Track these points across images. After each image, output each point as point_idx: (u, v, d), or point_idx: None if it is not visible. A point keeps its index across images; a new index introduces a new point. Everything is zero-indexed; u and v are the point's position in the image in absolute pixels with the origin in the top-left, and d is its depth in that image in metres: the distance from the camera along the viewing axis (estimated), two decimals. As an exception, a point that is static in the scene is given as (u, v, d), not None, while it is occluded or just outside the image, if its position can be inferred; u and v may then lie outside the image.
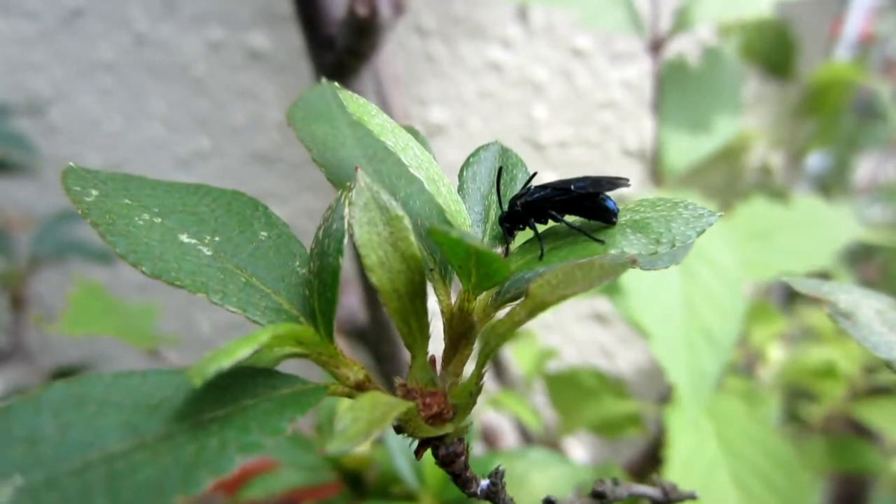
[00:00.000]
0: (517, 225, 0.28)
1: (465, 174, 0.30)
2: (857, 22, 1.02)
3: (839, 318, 0.27)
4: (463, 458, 0.25)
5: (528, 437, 0.89)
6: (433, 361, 0.25)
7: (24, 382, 1.07)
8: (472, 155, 0.30)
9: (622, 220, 0.26)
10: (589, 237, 0.25)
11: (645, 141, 0.95)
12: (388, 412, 0.20)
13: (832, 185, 1.10)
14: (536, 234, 0.27)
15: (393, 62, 0.75)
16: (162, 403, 0.19)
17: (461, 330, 0.25)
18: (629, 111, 0.94)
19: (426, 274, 0.24)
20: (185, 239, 0.24)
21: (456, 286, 0.26)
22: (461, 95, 0.93)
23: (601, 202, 0.26)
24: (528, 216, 0.27)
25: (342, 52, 0.53)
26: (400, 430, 0.24)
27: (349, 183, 0.23)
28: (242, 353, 0.18)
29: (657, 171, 0.76)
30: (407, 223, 0.23)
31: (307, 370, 0.25)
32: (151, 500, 0.17)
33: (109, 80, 0.96)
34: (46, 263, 0.97)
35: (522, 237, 0.28)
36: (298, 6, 0.54)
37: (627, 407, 0.80)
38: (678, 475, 0.61)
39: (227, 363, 0.18)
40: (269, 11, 0.90)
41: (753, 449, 0.64)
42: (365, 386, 0.24)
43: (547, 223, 0.28)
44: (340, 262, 0.22)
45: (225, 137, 0.98)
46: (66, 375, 0.21)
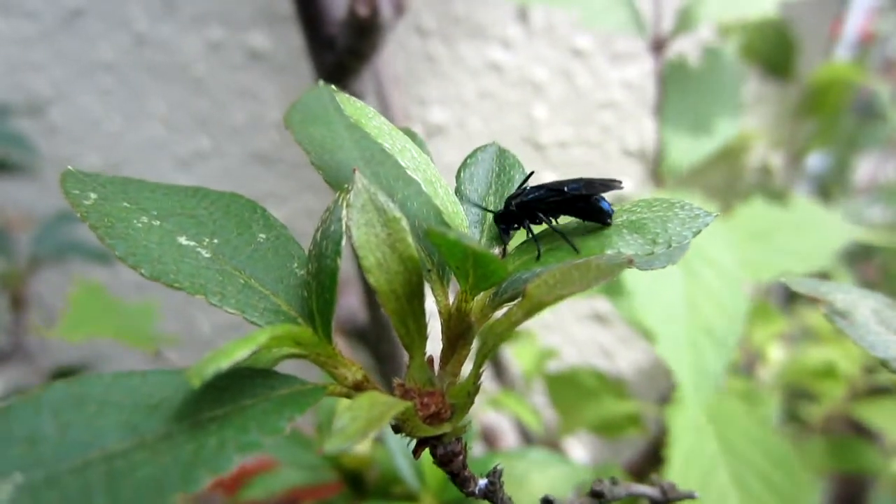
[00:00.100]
0: (512, 225, 0.28)
1: (462, 175, 0.30)
2: (857, 22, 1.02)
3: (836, 317, 0.27)
4: (461, 457, 0.25)
5: (528, 437, 0.89)
6: (431, 361, 0.25)
7: (24, 382, 1.07)
8: (469, 156, 0.30)
9: (619, 220, 0.26)
10: (567, 242, 0.25)
11: (645, 141, 0.95)
12: (385, 411, 0.20)
13: (832, 185, 1.10)
14: (531, 234, 0.27)
15: (393, 62, 0.75)
16: (161, 403, 0.20)
17: (459, 330, 0.26)
18: (629, 111, 0.94)
19: (424, 275, 0.24)
20: (183, 241, 0.24)
21: (454, 287, 0.26)
22: (461, 95, 0.93)
23: (595, 203, 0.26)
24: (522, 216, 0.27)
25: (342, 52, 0.53)
26: (398, 429, 0.24)
27: (347, 185, 0.23)
28: (241, 353, 0.18)
29: (658, 171, 0.76)
30: (404, 225, 0.23)
31: (306, 371, 0.25)
32: (151, 498, 0.17)
33: (109, 80, 0.96)
34: (46, 263, 0.97)
35: (521, 237, 0.28)
36: (299, 6, 0.54)
37: (627, 407, 0.80)
38: (678, 475, 0.61)
39: (225, 364, 0.18)
40: (269, 11, 0.90)
41: (753, 449, 0.64)
42: (363, 386, 0.24)
43: (542, 224, 0.28)
44: (338, 263, 0.22)
45: (225, 137, 0.98)
46: (66, 375, 0.21)
